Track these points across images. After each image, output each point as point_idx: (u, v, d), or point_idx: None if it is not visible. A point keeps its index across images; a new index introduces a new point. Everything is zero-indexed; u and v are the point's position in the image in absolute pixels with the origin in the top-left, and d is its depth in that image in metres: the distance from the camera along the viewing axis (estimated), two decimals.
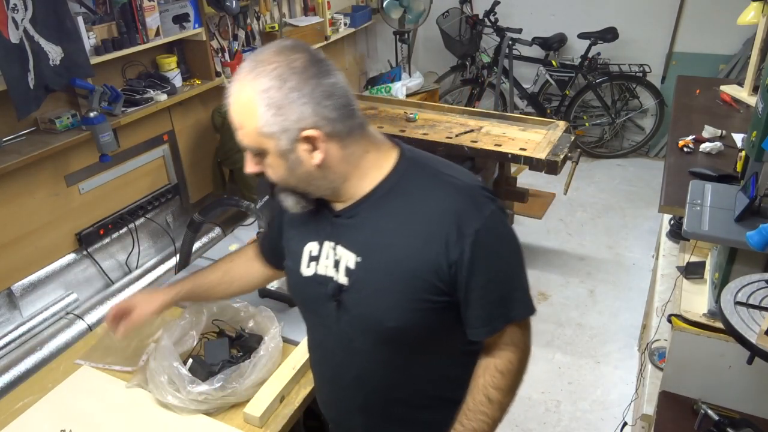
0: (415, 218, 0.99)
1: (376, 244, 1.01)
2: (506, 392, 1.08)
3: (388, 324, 1.02)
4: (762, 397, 1.39)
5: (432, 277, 0.98)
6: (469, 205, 0.98)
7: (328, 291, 1.06)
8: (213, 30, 3.15)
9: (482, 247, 0.97)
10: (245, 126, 0.94)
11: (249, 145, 0.96)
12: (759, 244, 1.14)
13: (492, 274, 1.00)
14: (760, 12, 2.51)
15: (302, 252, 1.11)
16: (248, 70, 0.92)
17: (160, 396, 1.39)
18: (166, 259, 2.83)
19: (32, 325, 2.36)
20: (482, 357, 1.11)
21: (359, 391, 1.15)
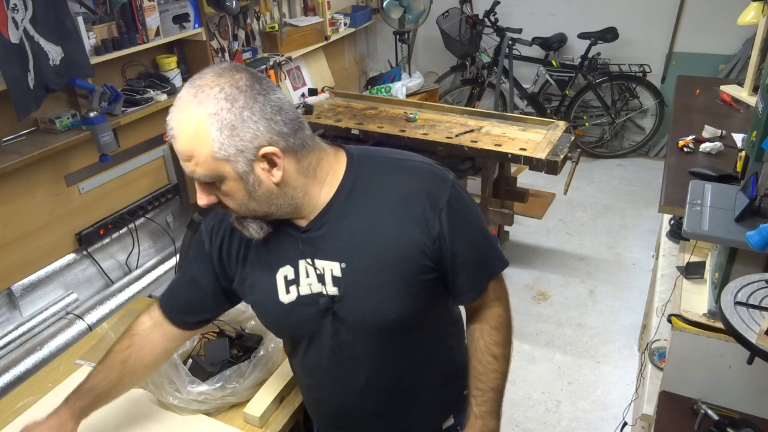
0: (386, 207, 1.01)
1: (356, 244, 1.01)
2: (506, 344, 1.14)
3: (391, 317, 1.03)
4: (762, 397, 1.39)
5: (419, 258, 1.01)
6: (433, 180, 1.03)
7: (320, 306, 1.04)
8: (213, 30, 3.15)
9: (455, 215, 1.02)
10: (197, 154, 0.90)
11: (203, 173, 0.92)
12: (759, 244, 1.14)
13: (468, 237, 1.04)
14: (760, 12, 2.51)
15: (275, 281, 1.07)
16: (190, 96, 0.90)
17: (160, 396, 1.38)
18: (166, 259, 2.83)
19: (32, 325, 2.36)
20: (472, 321, 1.15)
21: (372, 395, 1.14)
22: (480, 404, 1.12)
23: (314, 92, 3.78)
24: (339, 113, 3.44)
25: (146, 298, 1.84)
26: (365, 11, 4.46)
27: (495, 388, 1.13)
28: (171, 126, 0.92)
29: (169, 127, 0.92)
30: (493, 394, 1.13)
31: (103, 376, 1.20)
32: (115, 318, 1.73)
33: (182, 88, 0.93)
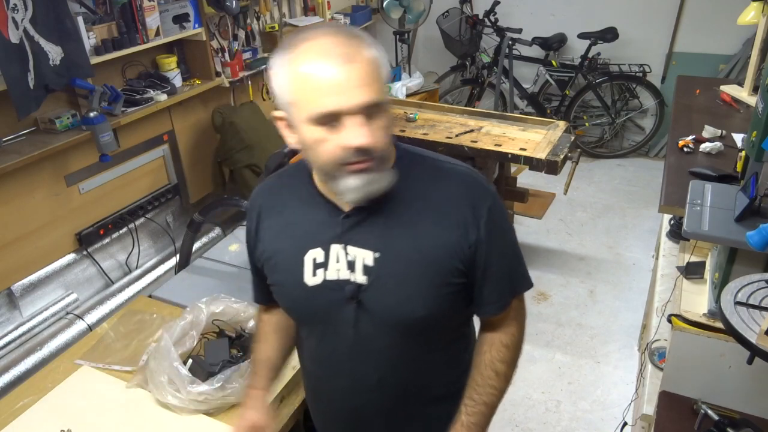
0: (428, 206, 1.02)
1: (392, 237, 1.01)
2: (511, 365, 1.13)
3: (417, 314, 1.03)
4: (762, 397, 1.39)
5: (454, 261, 1.02)
6: (477, 188, 1.05)
7: (345, 293, 1.03)
8: (213, 30, 3.15)
9: (494, 226, 1.03)
10: (377, 81, 0.91)
11: (377, 99, 0.90)
12: (759, 244, 1.14)
13: (502, 249, 1.07)
14: (760, 12, 2.51)
15: (302, 261, 1.06)
16: (347, 30, 0.93)
17: (160, 396, 1.39)
18: (166, 259, 2.83)
19: (32, 325, 2.36)
20: (485, 332, 1.14)
21: (382, 393, 1.13)
22: (469, 414, 1.10)
23: None
24: None
25: (146, 298, 1.84)
26: (365, 11, 4.46)
27: (488, 404, 1.11)
28: (347, 52, 0.88)
29: (345, 53, 0.88)
30: (485, 408, 1.10)
31: (267, 347, 1.25)
32: (115, 318, 1.73)
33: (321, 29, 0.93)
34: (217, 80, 3.09)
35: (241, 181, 3.06)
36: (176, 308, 1.75)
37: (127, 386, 1.46)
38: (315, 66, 0.88)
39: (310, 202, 1.06)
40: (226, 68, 3.18)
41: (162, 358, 1.39)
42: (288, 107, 0.94)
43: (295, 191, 1.10)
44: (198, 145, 3.20)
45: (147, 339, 1.62)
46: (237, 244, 2.06)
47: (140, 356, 1.54)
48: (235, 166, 3.04)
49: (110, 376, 1.51)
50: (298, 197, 1.09)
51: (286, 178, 1.16)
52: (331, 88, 0.88)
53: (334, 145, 0.91)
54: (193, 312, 1.55)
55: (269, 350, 1.24)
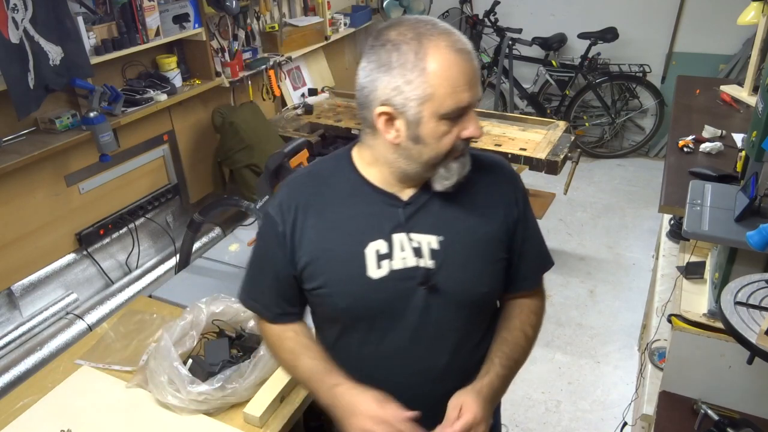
0: (475, 189, 1.09)
1: (451, 220, 1.07)
2: (536, 332, 1.19)
3: (482, 290, 1.09)
4: (762, 397, 1.39)
5: (503, 236, 1.11)
6: (510, 172, 1.16)
7: (417, 279, 1.04)
8: (213, 30, 3.15)
9: (526, 207, 1.15)
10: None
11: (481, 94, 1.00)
12: (759, 244, 1.14)
13: (532, 230, 1.17)
14: (760, 12, 2.51)
15: (363, 255, 1.03)
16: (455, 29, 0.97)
17: (160, 396, 1.38)
18: (166, 259, 2.83)
19: (32, 325, 2.36)
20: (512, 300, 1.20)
21: (448, 378, 1.10)
22: (503, 366, 1.10)
23: (314, 92, 3.78)
24: (339, 113, 3.44)
25: (146, 298, 1.84)
26: (365, 11, 4.46)
27: (517, 361, 1.13)
28: (467, 48, 0.95)
29: (462, 49, 0.94)
30: (513, 365, 1.12)
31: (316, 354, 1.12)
32: (115, 318, 1.73)
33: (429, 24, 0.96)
34: (217, 80, 3.09)
35: (241, 181, 3.06)
36: (176, 308, 1.75)
37: (127, 386, 1.46)
38: (454, 62, 0.93)
39: (359, 195, 1.06)
40: (226, 68, 3.18)
41: (162, 358, 1.39)
42: (413, 102, 0.94)
43: (335, 186, 1.08)
44: (198, 145, 3.20)
45: (147, 339, 1.62)
46: (237, 244, 2.06)
47: (140, 356, 1.54)
48: (235, 166, 3.04)
49: (110, 376, 1.51)
50: (342, 192, 1.07)
51: (320, 173, 1.12)
52: (466, 84, 0.94)
53: (454, 137, 0.99)
54: (193, 312, 1.55)
55: (322, 354, 1.12)
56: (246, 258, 1.95)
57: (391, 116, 0.97)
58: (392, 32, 0.94)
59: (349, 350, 1.12)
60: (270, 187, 1.81)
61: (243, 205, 1.90)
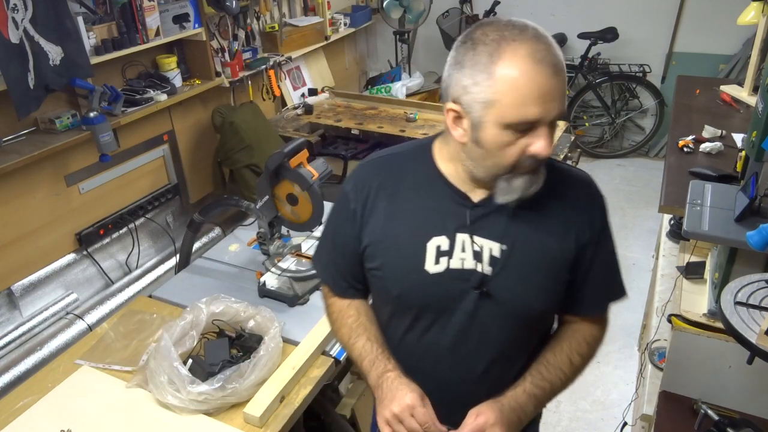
0: (551, 205, 1.04)
1: (520, 231, 1.03)
2: (585, 361, 1.14)
3: (537, 307, 1.06)
4: (762, 397, 1.39)
5: (570, 256, 1.05)
6: (595, 192, 1.09)
7: (471, 283, 1.03)
8: (213, 30, 3.15)
9: (605, 231, 1.09)
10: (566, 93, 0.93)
11: (565, 111, 0.94)
12: (759, 244, 1.14)
13: (607, 256, 1.11)
14: (760, 12, 2.51)
15: (424, 248, 1.04)
16: (546, 34, 0.94)
17: (160, 396, 1.38)
18: (166, 259, 2.83)
19: (32, 325, 2.36)
20: (569, 323, 1.16)
21: (483, 385, 1.11)
22: (534, 385, 1.08)
23: (314, 92, 3.78)
24: (339, 113, 3.44)
25: (146, 298, 1.84)
26: (365, 11, 4.46)
27: (553, 384, 1.09)
28: (556, 63, 0.91)
29: (554, 63, 0.91)
30: (548, 387, 1.09)
31: (374, 336, 1.15)
32: (115, 318, 1.73)
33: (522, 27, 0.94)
34: (217, 80, 3.09)
35: (241, 181, 3.06)
36: (176, 308, 1.75)
37: (127, 386, 1.46)
38: (527, 72, 0.88)
39: (432, 188, 1.06)
40: (226, 68, 3.18)
41: (162, 358, 1.39)
42: (477, 105, 0.92)
43: (411, 175, 1.08)
44: (198, 145, 3.20)
45: (147, 339, 1.62)
46: (237, 244, 2.06)
47: (140, 356, 1.54)
48: (235, 166, 3.04)
49: (110, 376, 1.51)
50: (416, 181, 1.07)
51: (398, 159, 1.13)
52: (538, 98, 0.89)
53: (518, 150, 0.93)
54: (193, 312, 1.55)
55: (379, 338, 1.15)
56: (246, 258, 1.97)
57: (459, 114, 0.96)
58: (478, 31, 0.93)
59: (394, 334, 1.15)
60: (270, 187, 1.81)
61: (243, 205, 1.90)
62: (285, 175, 1.78)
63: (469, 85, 0.91)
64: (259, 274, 1.84)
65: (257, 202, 1.82)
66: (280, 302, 1.76)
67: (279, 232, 1.92)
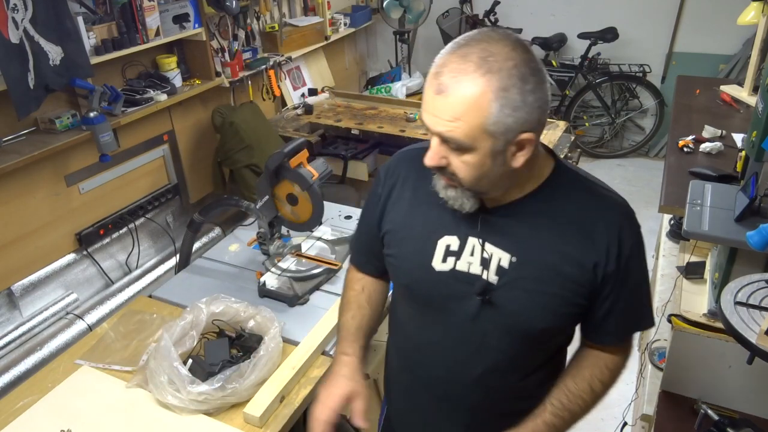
0: (575, 225, 1.01)
1: (533, 245, 1.01)
2: (606, 389, 1.12)
3: (539, 326, 1.03)
4: (762, 397, 1.39)
5: (586, 283, 1.01)
6: (628, 220, 1.03)
7: (475, 288, 1.03)
8: (213, 30, 3.15)
9: (634, 261, 1.02)
10: (465, 120, 0.87)
11: (460, 138, 0.89)
12: (759, 244, 1.14)
13: (634, 286, 1.05)
14: (760, 12, 2.51)
15: (434, 245, 1.06)
16: (479, 61, 0.86)
17: (160, 396, 1.38)
18: (166, 259, 2.83)
19: (32, 325, 2.36)
20: (591, 349, 1.13)
21: (476, 392, 1.12)
22: (554, 414, 1.08)
23: (314, 92, 3.78)
24: (339, 113, 3.44)
25: (146, 298, 1.84)
26: (365, 11, 4.46)
27: (573, 413, 1.09)
28: (445, 83, 0.87)
29: (441, 82, 0.87)
30: (568, 416, 1.09)
31: (362, 316, 1.24)
32: (115, 318, 1.73)
33: (459, 42, 0.90)
34: (217, 80, 3.09)
35: (241, 181, 3.06)
36: (176, 308, 1.75)
37: (127, 386, 1.46)
38: (428, 83, 0.91)
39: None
40: (226, 68, 3.18)
41: (162, 358, 1.39)
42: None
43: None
44: (198, 145, 3.20)
45: (147, 339, 1.62)
46: (237, 244, 2.06)
47: (140, 356, 1.54)
48: (235, 166, 3.04)
49: (110, 376, 1.51)
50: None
51: None
52: (426, 108, 0.91)
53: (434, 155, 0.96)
54: (193, 312, 1.55)
55: (363, 319, 1.24)
56: (246, 258, 1.97)
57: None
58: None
59: (402, 319, 1.20)
60: (270, 187, 1.81)
61: (243, 205, 1.90)
62: (285, 175, 1.78)
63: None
64: (259, 274, 1.84)
65: (257, 202, 1.82)
66: (280, 302, 1.75)
67: (279, 232, 1.92)
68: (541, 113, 0.90)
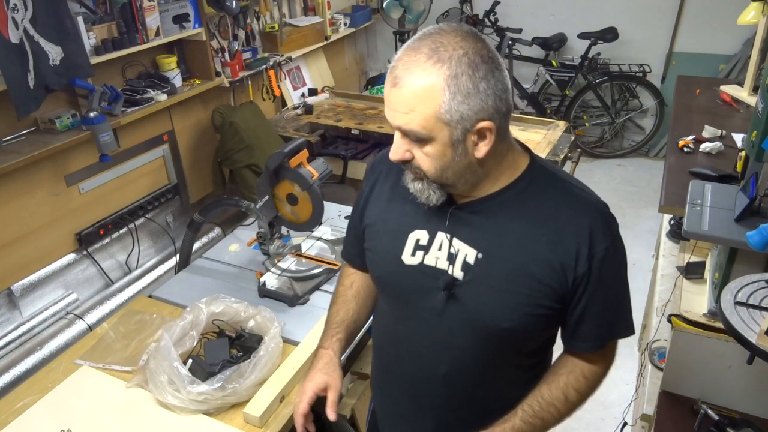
0: (546, 225, 0.99)
1: (501, 243, 1.00)
2: (582, 398, 1.10)
3: (503, 324, 1.01)
4: (762, 397, 1.39)
5: (555, 285, 0.99)
6: (602, 222, 1.01)
7: (439, 283, 1.03)
8: (213, 30, 3.15)
9: (609, 266, 1.00)
10: (420, 110, 0.88)
11: (416, 130, 0.90)
12: (759, 244, 1.14)
13: (610, 291, 1.03)
14: (760, 12, 2.51)
15: (405, 238, 1.07)
16: (429, 51, 0.88)
17: (160, 396, 1.38)
18: (166, 259, 2.83)
19: (32, 325, 2.36)
20: (569, 356, 1.12)
21: (445, 389, 1.12)
22: (523, 421, 1.06)
23: (314, 92, 3.78)
24: (339, 113, 3.44)
25: (146, 298, 1.84)
26: (365, 11, 4.46)
27: (544, 421, 1.07)
28: (399, 75, 0.89)
29: (396, 75, 0.89)
30: (539, 423, 1.07)
31: (345, 311, 1.27)
32: (115, 318, 1.73)
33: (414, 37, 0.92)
34: (217, 80, 3.09)
35: (241, 181, 3.06)
36: (176, 308, 1.75)
37: (127, 386, 1.46)
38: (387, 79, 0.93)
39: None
40: (226, 68, 3.18)
41: (162, 358, 1.39)
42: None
43: None
44: (198, 145, 3.20)
45: (147, 339, 1.62)
46: (237, 244, 2.06)
47: (140, 356, 1.54)
48: (235, 166, 3.04)
49: (110, 376, 1.51)
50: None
51: None
52: (386, 101, 0.94)
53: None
54: (193, 312, 1.55)
55: (347, 314, 1.26)
56: (246, 258, 1.97)
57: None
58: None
59: (380, 313, 1.24)
60: (270, 186, 1.81)
61: (243, 205, 1.90)
62: (285, 175, 1.78)
63: None
64: (259, 274, 1.84)
65: (257, 202, 1.82)
66: (280, 302, 1.76)
67: (279, 232, 1.92)
68: (496, 100, 0.90)
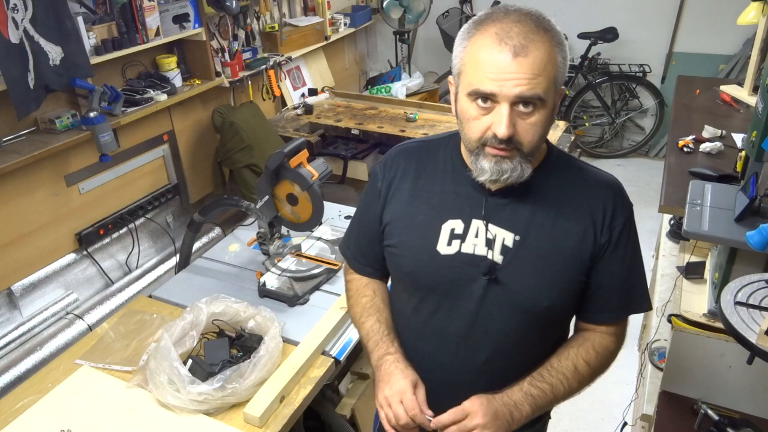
0: (573, 200, 1.05)
1: (535, 224, 1.04)
2: (592, 371, 1.11)
3: (543, 303, 1.04)
4: (762, 397, 1.39)
5: (586, 258, 1.05)
6: (620, 197, 1.09)
7: (480, 269, 1.04)
8: (213, 30, 3.15)
9: (624, 237, 1.07)
10: (544, 75, 0.92)
11: (540, 94, 0.92)
12: (759, 244, 1.14)
13: (628, 264, 1.08)
14: (760, 12, 2.51)
15: (438, 229, 1.07)
16: (536, 21, 0.94)
17: (160, 396, 1.39)
18: (166, 259, 2.83)
19: (32, 325, 2.36)
20: (583, 328, 1.14)
21: (485, 376, 1.11)
22: (533, 386, 1.07)
23: (314, 92, 3.78)
24: (339, 113, 3.44)
25: (146, 298, 1.84)
26: (365, 11, 4.46)
27: (553, 388, 1.07)
28: (522, 44, 0.90)
29: (517, 44, 0.90)
30: (549, 389, 1.07)
31: (385, 319, 1.21)
32: (115, 318, 1.73)
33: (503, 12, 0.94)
34: (217, 80, 3.09)
35: (241, 181, 3.06)
36: (176, 308, 1.75)
37: (127, 386, 1.46)
38: (489, 49, 0.92)
39: (455, 173, 1.09)
40: (226, 68, 3.18)
41: (162, 358, 1.39)
42: (455, 76, 0.99)
43: (437, 160, 1.12)
44: (198, 145, 3.20)
45: (147, 339, 1.62)
46: (237, 244, 2.06)
47: (140, 356, 1.54)
48: (235, 166, 3.04)
49: (110, 376, 1.51)
50: (440, 167, 1.11)
51: (430, 145, 1.16)
52: (494, 74, 0.91)
53: (483, 126, 0.95)
54: (193, 312, 1.55)
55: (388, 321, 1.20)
56: (246, 258, 1.97)
57: (454, 88, 1.02)
58: (482, 11, 0.98)
59: (405, 311, 1.18)
60: (270, 186, 1.81)
61: (243, 205, 1.90)
62: (285, 175, 1.78)
63: (454, 57, 0.99)
64: (259, 274, 1.84)
65: (257, 202, 1.82)
66: (280, 302, 1.76)
67: (279, 232, 1.92)
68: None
